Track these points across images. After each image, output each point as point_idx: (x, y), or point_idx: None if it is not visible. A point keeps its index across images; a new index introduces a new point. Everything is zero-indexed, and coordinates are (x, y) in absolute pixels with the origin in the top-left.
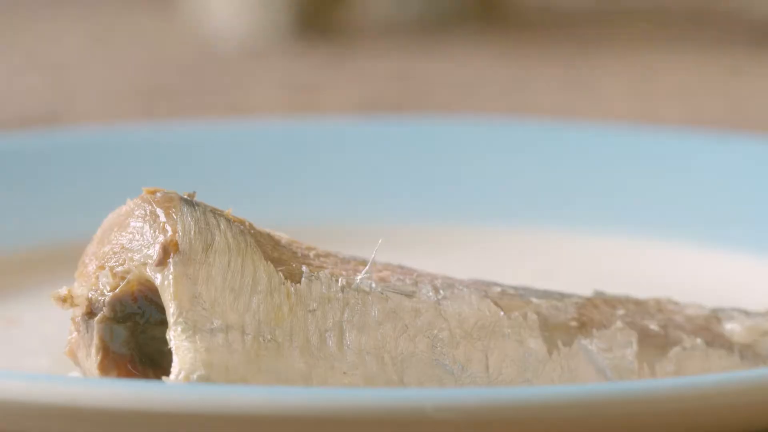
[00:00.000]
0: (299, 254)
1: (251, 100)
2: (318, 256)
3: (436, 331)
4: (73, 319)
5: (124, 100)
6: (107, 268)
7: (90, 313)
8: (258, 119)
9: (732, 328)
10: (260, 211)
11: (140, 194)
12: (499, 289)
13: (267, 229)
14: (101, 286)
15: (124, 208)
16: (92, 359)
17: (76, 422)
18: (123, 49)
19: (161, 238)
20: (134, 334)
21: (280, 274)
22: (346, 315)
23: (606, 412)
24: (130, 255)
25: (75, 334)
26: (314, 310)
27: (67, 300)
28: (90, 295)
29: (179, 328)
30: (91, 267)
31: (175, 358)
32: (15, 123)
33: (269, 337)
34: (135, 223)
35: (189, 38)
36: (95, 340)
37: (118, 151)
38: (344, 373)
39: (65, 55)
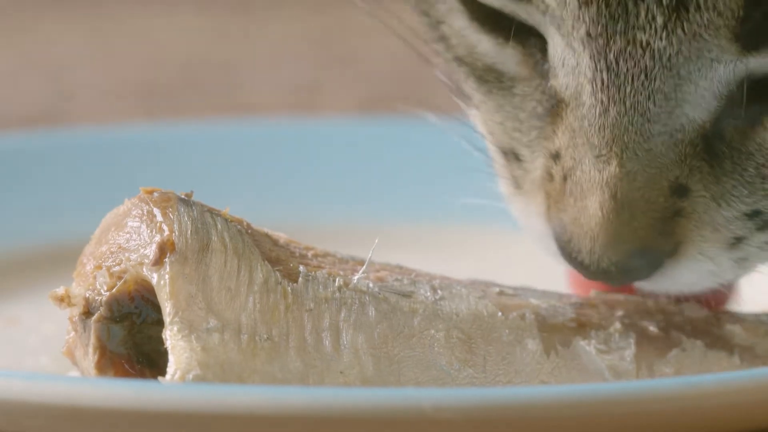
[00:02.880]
0: (297, 254)
1: None
2: (316, 255)
3: (433, 332)
4: (70, 319)
5: (124, 100)
6: (104, 268)
7: (87, 313)
8: (257, 119)
9: (732, 329)
10: (259, 211)
11: (138, 194)
12: (497, 289)
13: (265, 229)
14: (98, 286)
15: (121, 208)
16: (89, 359)
17: (74, 422)
18: (122, 48)
19: (158, 238)
20: (131, 333)
21: (277, 273)
22: (343, 315)
23: (604, 412)
24: (127, 255)
25: (73, 333)
26: (311, 309)
27: (64, 300)
28: (87, 295)
29: (175, 328)
30: (89, 267)
31: (171, 357)
32: (15, 123)
33: (265, 336)
34: (132, 223)
35: None
36: (92, 340)
37: (118, 151)
38: (341, 372)
39: (65, 55)
